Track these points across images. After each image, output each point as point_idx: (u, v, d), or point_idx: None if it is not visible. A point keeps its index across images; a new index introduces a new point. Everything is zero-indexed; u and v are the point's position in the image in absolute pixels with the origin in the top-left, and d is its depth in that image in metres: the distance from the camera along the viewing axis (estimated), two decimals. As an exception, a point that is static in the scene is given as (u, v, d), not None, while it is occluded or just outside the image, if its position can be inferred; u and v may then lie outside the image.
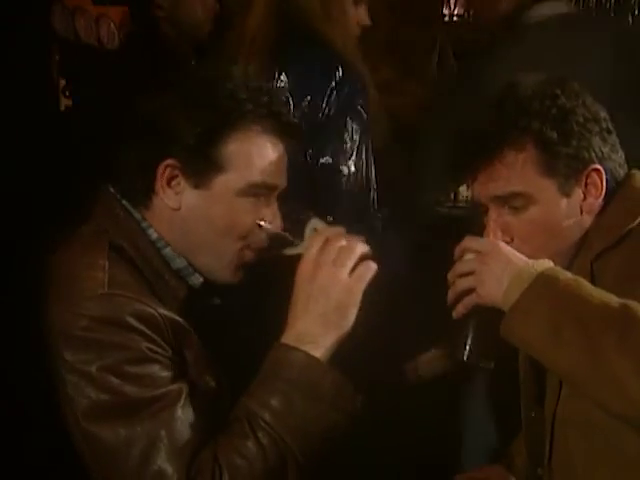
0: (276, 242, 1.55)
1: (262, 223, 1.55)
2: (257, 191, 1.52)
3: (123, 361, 1.43)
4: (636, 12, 3.90)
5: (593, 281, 1.50)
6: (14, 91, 2.62)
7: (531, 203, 1.54)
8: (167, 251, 1.54)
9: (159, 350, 1.46)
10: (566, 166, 1.53)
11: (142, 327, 1.44)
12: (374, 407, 1.53)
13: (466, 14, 4.18)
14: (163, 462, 1.41)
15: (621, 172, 1.58)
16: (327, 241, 1.48)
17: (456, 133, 1.63)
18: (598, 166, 1.54)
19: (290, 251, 1.55)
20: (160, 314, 1.47)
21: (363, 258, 1.49)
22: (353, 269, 1.48)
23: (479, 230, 1.61)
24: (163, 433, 1.42)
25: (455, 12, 4.17)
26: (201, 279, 1.57)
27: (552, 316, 1.35)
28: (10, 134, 2.41)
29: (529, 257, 1.54)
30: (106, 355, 1.42)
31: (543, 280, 1.40)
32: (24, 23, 2.72)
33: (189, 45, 2.80)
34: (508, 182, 1.54)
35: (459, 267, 1.50)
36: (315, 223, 1.57)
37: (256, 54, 2.16)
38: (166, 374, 1.45)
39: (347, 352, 1.50)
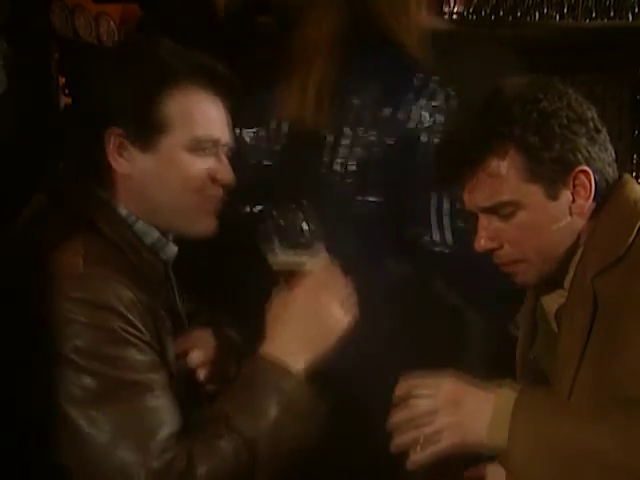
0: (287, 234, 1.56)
1: None
2: (203, 145, 1.57)
3: (98, 342, 1.44)
4: (636, 10, 3.90)
5: (595, 300, 1.50)
6: (14, 89, 2.63)
7: (519, 209, 1.54)
8: (139, 225, 1.57)
9: (137, 333, 1.47)
10: (551, 170, 1.52)
11: (120, 308, 1.46)
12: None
13: (466, 12, 4.18)
14: (128, 452, 1.41)
15: (610, 171, 1.57)
16: (332, 271, 1.55)
17: (440, 142, 1.63)
18: (585, 167, 1.53)
19: (292, 259, 1.54)
20: (138, 297, 1.49)
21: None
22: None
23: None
24: (132, 421, 1.43)
25: (455, 10, 4.17)
26: (174, 249, 1.60)
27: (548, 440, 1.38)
28: (10, 132, 2.40)
29: (519, 260, 1.52)
30: (83, 336, 1.44)
31: (524, 406, 1.42)
32: (24, 21, 2.72)
33: None
34: (493, 192, 1.53)
35: (415, 418, 1.48)
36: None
37: (322, 59, 2.08)
38: (142, 358, 1.47)
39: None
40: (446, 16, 4.10)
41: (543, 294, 1.65)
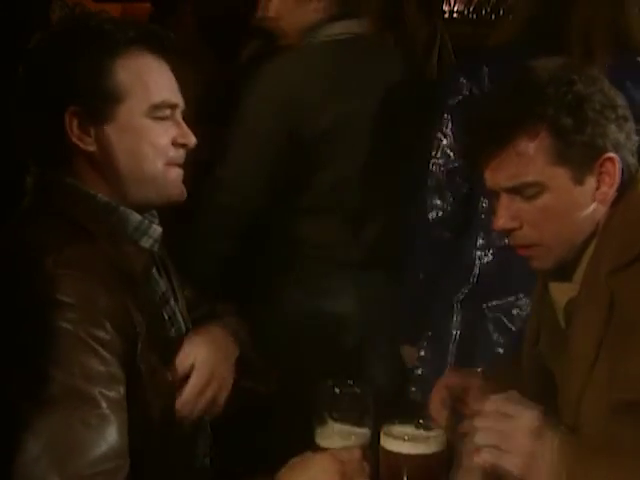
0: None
1: None
2: (160, 112, 1.55)
3: (61, 345, 1.40)
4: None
5: (612, 299, 1.47)
6: (14, 88, 2.62)
7: (543, 191, 1.50)
8: (120, 211, 1.55)
9: (104, 338, 1.42)
10: (580, 154, 1.49)
11: (90, 311, 1.42)
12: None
13: (466, 11, 4.18)
14: (50, 473, 1.34)
15: (631, 160, 1.53)
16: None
17: (469, 118, 1.61)
18: (612, 155, 1.49)
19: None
20: (107, 292, 1.45)
21: None
22: None
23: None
24: (65, 437, 1.36)
25: (455, 9, 4.18)
26: (159, 230, 1.58)
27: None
28: (11, 133, 2.40)
29: (536, 244, 1.53)
30: (47, 338, 1.39)
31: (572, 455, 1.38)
32: (24, 20, 2.71)
33: None
34: (519, 172, 1.50)
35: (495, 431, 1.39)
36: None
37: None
38: (100, 369, 1.41)
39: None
40: (446, 15, 4.11)
41: (552, 285, 1.62)
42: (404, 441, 1.41)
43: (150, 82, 1.55)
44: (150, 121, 1.54)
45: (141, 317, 1.49)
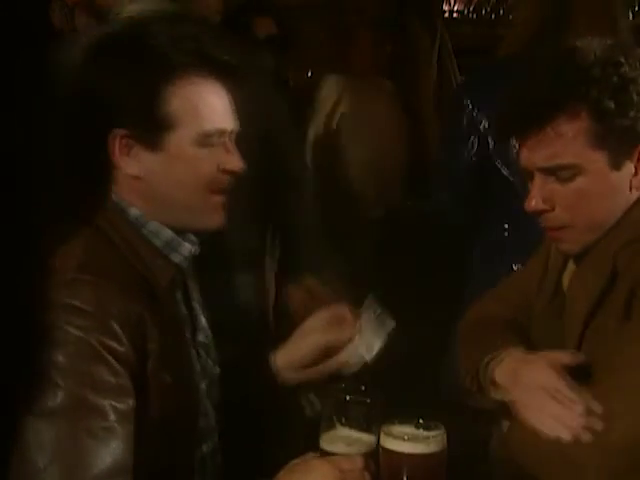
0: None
1: None
2: (211, 140, 1.50)
3: (73, 353, 1.38)
4: (636, 8, 3.90)
5: (614, 268, 1.48)
6: (13, 87, 2.61)
7: (579, 174, 1.49)
8: (151, 226, 1.52)
9: (116, 348, 1.40)
10: (619, 139, 1.46)
11: (105, 319, 1.40)
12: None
13: (466, 10, 4.18)
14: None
15: None
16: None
17: (511, 94, 1.56)
18: None
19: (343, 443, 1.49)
20: (125, 304, 1.43)
21: None
22: None
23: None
24: (72, 448, 1.34)
25: (455, 8, 4.17)
26: (189, 247, 1.54)
27: None
28: (10, 130, 2.40)
29: (567, 226, 1.52)
30: (61, 343, 1.38)
31: None
32: (23, 19, 2.70)
33: None
34: (557, 153, 1.49)
35: None
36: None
37: None
38: (110, 380, 1.38)
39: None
40: (446, 14, 4.10)
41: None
42: (404, 441, 1.40)
43: (203, 109, 1.49)
44: (199, 148, 1.49)
45: (157, 333, 1.46)
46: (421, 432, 1.42)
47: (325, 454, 1.47)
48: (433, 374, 2.46)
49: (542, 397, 1.45)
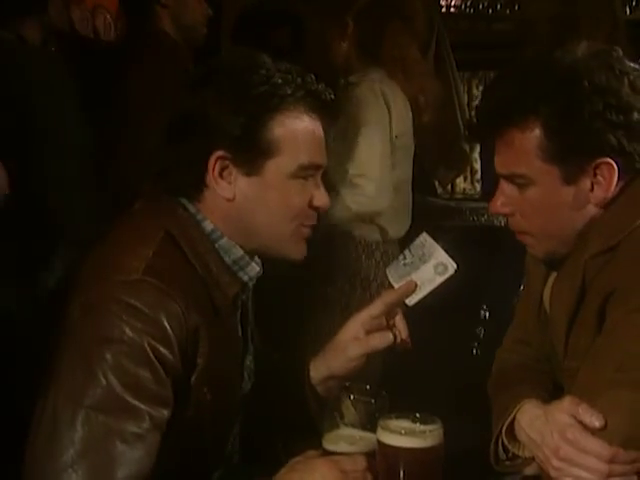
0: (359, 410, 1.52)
1: None
2: (306, 172, 1.54)
3: (123, 352, 1.39)
4: (634, 3, 3.89)
5: (583, 280, 1.50)
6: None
7: (531, 184, 1.51)
8: (223, 242, 1.54)
9: (166, 356, 1.40)
10: (572, 155, 1.47)
11: (163, 323, 1.40)
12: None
13: (463, 5, 4.17)
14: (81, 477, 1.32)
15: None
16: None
17: (482, 97, 1.60)
18: (608, 160, 1.46)
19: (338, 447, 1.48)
20: (185, 313, 1.43)
21: None
22: None
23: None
24: (102, 449, 1.34)
25: (452, 3, 4.16)
26: (257, 269, 1.57)
27: None
28: (7, 127, 2.40)
29: (528, 235, 1.54)
30: (113, 340, 1.38)
31: None
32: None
33: (186, 44, 2.83)
34: (510, 161, 1.52)
35: None
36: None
37: None
38: (152, 388, 1.39)
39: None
40: (443, 9, 4.09)
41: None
42: (401, 435, 1.41)
43: (303, 142, 1.53)
44: (293, 180, 1.53)
45: (208, 349, 1.48)
46: (418, 426, 1.42)
47: (327, 453, 1.47)
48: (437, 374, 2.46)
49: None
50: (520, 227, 1.57)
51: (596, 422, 1.38)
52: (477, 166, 4.32)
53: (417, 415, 1.44)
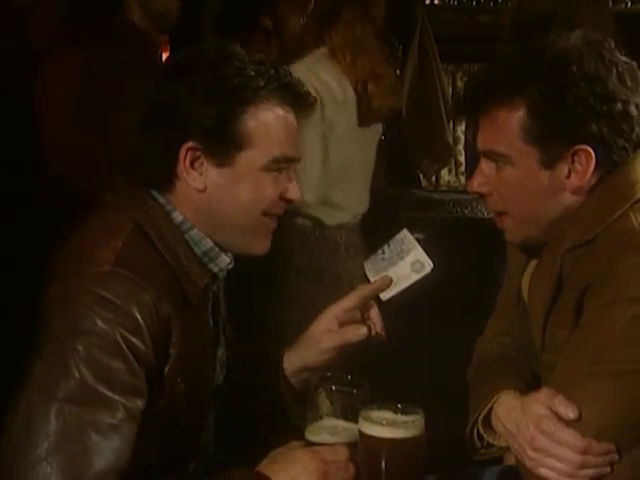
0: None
1: None
2: (279, 165, 1.53)
3: (95, 344, 1.38)
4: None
5: (560, 272, 1.50)
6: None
7: (509, 164, 1.51)
8: (193, 233, 1.53)
9: (137, 344, 1.39)
10: (552, 139, 1.47)
11: (134, 314, 1.40)
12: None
13: (447, -3, 4.17)
14: (55, 472, 1.31)
15: (617, 156, 1.49)
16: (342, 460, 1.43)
17: (473, 75, 1.61)
18: (587, 147, 1.46)
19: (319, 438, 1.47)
20: (156, 304, 1.43)
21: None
22: None
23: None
24: (77, 441, 1.33)
25: (436, -5, 4.16)
26: (227, 260, 1.56)
27: None
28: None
29: (505, 216, 1.55)
30: (85, 332, 1.37)
31: None
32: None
33: (156, 31, 2.80)
34: (492, 139, 1.52)
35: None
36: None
37: None
38: (125, 379, 1.38)
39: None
40: (427, 1, 4.09)
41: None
42: (382, 425, 1.40)
43: (276, 135, 1.52)
44: (265, 173, 1.52)
45: (180, 339, 1.47)
46: (399, 417, 1.42)
47: (310, 444, 1.47)
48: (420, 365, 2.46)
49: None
50: (497, 207, 1.57)
51: (571, 413, 1.40)
52: (462, 159, 4.32)
53: (399, 406, 1.43)
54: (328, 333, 1.64)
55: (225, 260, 1.56)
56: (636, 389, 1.39)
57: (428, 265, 1.63)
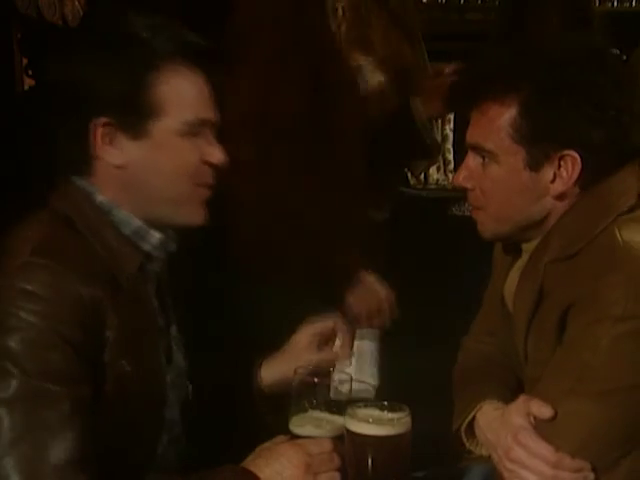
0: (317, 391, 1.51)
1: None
2: (195, 129, 1.49)
3: (27, 339, 1.35)
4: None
5: (542, 284, 1.50)
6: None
7: (495, 161, 1.51)
8: (119, 214, 1.50)
9: (68, 332, 1.37)
10: (541, 140, 1.46)
11: (59, 303, 1.37)
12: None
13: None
14: (13, 472, 1.29)
15: (606, 165, 1.48)
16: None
17: (468, 67, 1.60)
18: (574, 153, 1.45)
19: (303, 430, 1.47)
20: (82, 289, 1.39)
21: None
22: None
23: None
24: (28, 439, 1.31)
25: (425, -7, 4.15)
26: (157, 236, 1.52)
27: None
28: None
29: (482, 211, 1.55)
30: (14, 328, 1.35)
31: None
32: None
33: None
34: (481, 133, 1.51)
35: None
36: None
37: None
38: (63, 367, 1.35)
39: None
40: (416, -1, 4.09)
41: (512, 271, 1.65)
42: (369, 423, 1.40)
43: (186, 98, 1.48)
44: (182, 138, 1.48)
45: (117, 321, 1.44)
46: (386, 414, 1.42)
47: (295, 437, 1.46)
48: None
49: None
50: (478, 202, 1.56)
51: (546, 413, 1.40)
52: (450, 157, 4.32)
53: (385, 403, 1.43)
54: (308, 350, 1.66)
55: (155, 236, 1.52)
56: (620, 408, 1.39)
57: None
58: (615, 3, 4.00)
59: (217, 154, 1.52)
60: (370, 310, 2.14)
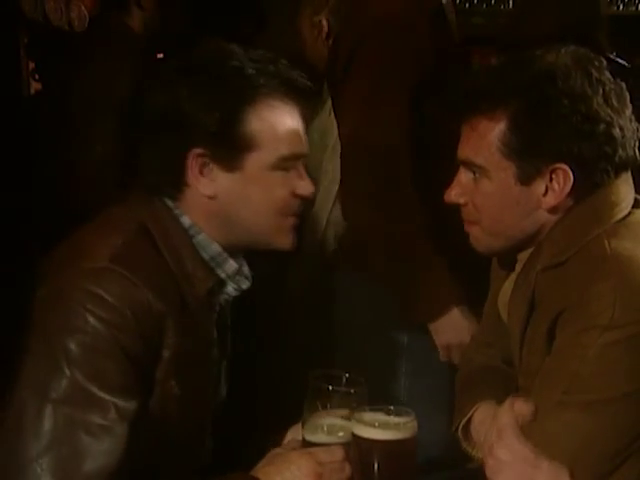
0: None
1: None
2: (287, 163, 1.51)
3: (86, 343, 1.36)
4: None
5: (533, 293, 1.49)
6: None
7: (485, 177, 1.51)
8: (201, 238, 1.51)
9: (129, 343, 1.38)
10: (531, 154, 1.46)
11: (127, 312, 1.38)
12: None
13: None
14: (46, 473, 1.30)
15: (599, 178, 1.47)
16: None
17: (460, 81, 1.59)
18: (565, 166, 1.45)
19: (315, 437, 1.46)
20: (151, 303, 1.41)
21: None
22: None
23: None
24: (67, 442, 1.32)
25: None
26: (235, 266, 1.53)
27: None
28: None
29: (476, 225, 1.54)
30: (77, 329, 1.36)
31: None
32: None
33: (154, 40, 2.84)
34: (471, 148, 1.51)
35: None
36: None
37: None
38: (116, 379, 1.37)
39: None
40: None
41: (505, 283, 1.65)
42: (375, 427, 1.40)
43: (282, 133, 1.50)
44: (274, 172, 1.50)
45: (175, 341, 1.45)
46: (392, 419, 1.42)
47: (307, 443, 1.46)
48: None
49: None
50: (471, 216, 1.56)
51: (526, 410, 1.40)
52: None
53: (391, 408, 1.43)
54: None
55: (233, 266, 1.53)
56: (610, 418, 1.37)
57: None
58: (621, 7, 4.00)
59: (307, 187, 1.55)
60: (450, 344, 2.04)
